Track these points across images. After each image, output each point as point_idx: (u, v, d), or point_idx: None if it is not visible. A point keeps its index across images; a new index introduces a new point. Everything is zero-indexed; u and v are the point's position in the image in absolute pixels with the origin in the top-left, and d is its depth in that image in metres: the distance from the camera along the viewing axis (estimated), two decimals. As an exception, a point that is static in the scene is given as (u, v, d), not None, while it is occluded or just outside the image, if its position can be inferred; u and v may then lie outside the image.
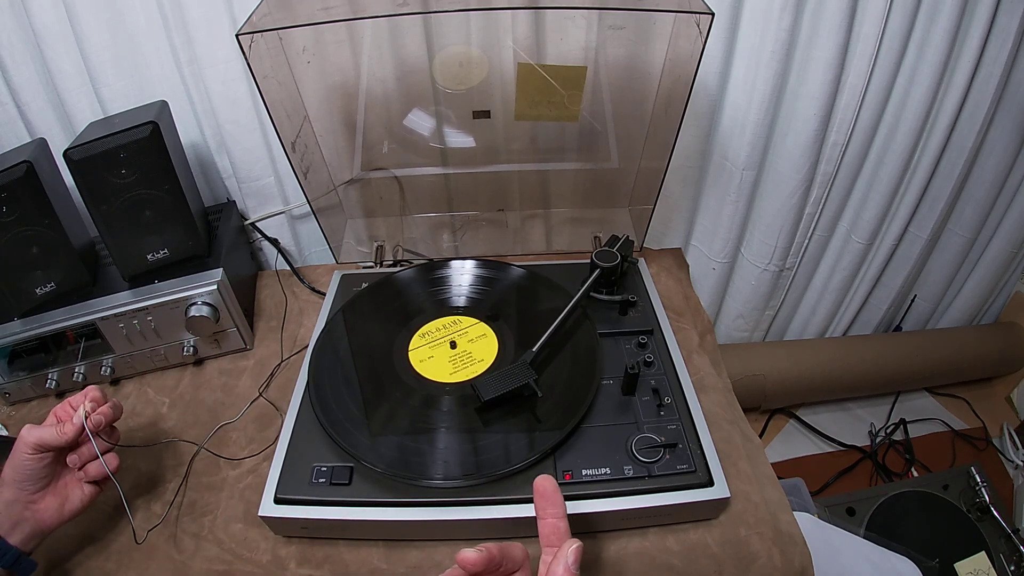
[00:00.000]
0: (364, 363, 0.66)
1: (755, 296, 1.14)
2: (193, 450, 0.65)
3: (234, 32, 0.57)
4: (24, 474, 0.49)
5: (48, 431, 0.50)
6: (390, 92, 0.78)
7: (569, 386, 0.61)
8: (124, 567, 0.56)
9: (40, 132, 0.77)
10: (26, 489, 0.50)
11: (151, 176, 0.67)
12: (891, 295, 1.23)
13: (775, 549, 0.55)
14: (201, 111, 0.81)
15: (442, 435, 0.58)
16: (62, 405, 0.54)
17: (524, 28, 0.73)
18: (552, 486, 0.45)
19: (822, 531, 0.83)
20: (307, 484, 0.55)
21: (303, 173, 0.74)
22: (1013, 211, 1.11)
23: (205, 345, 0.75)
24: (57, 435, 0.50)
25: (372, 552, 0.55)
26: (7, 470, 0.50)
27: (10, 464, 0.50)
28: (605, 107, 0.79)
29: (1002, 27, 0.86)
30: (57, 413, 0.53)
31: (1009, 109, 0.96)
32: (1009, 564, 0.98)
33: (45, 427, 0.51)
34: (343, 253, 0.87)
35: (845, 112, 0.90)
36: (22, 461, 0.49)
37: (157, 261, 0.72)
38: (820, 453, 1.23)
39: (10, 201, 0.63)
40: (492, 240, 0.91)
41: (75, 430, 0.51)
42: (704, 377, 0.70)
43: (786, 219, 1.01)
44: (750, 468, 0.61)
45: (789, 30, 0.80)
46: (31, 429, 0.50)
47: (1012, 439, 1.20)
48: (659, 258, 0.88)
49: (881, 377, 1.23)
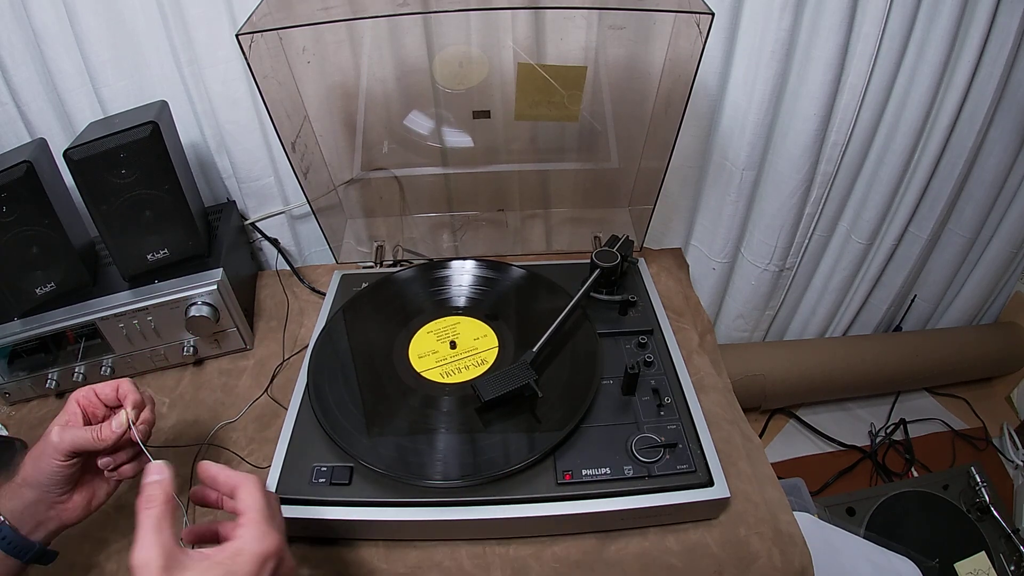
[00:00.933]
0: (364, 363, 0.66)
1: (755, 296, 1.14)
2: (195, 451, 0.65)
3: (234, 32, 0.57)
4: (53, 479, 0.46)
5: (84, 436, 0.46)
6: (390, 92, 0.78)
7: (569, 386, 0.61)
8: (124, 567, 0.56)
9: (40, 132, 0.77)
10: (52, 492, 0.46)
11: (151, 176, 0.67)
12: (891, 295, 1.23)
13: (775, 549, 0.55)
14: (201, 111, 0.81)
15: (442, 435, 0.58)
16: (85, 394, 0.48)
17: (524, 28, 0.73)
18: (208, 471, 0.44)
19: (822, 531, 0.83)
20: (307, 484, 0.55)
21: (303, 173, 0.74)
22: (1013, 211, 1.11)
23: (205, 345, 0.75)
24: (94, 441, 0.46)
25: (372, 552, 0.55)
26: (30, 470, 0.46)
27: (36, 467, 0.46)
28: (605, 107, 0.79)
29: (1002, 27, 0.86)
30: (82, 404, 0.48)
31: (1009, 109, 0.96)
32: (1009, 564, 0.98)
33: (79, 431, 0.46)
34: (343, 253, 0.87)
35: (845, 112, 0.90)
36: (53, 467, 0.45)
37: (157, 261, 0.72)
38: (820, 453, 1.22)
39: (10, 201, 0.63)
40: (492, 240, 0.91)
41: (115, 438, 0.47)
42: (704, 377, 0.70)
43: (786, 219, 1.01)
44: (750, 468, 0.61)
45: (789, 30, 0.80)
46: (63, 432, 0.46)
47: (1012, 439, 1.20)
48: (659, 258, 0.88)
49: (881, 377, 1.23)
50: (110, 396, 0.49)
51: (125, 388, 0.49)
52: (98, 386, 0.49)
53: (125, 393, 0.49)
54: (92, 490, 0.49)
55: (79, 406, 0.48)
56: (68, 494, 0.48)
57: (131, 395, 0.49)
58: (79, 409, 0.48)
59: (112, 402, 0.49)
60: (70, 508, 0.48)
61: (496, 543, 0.56)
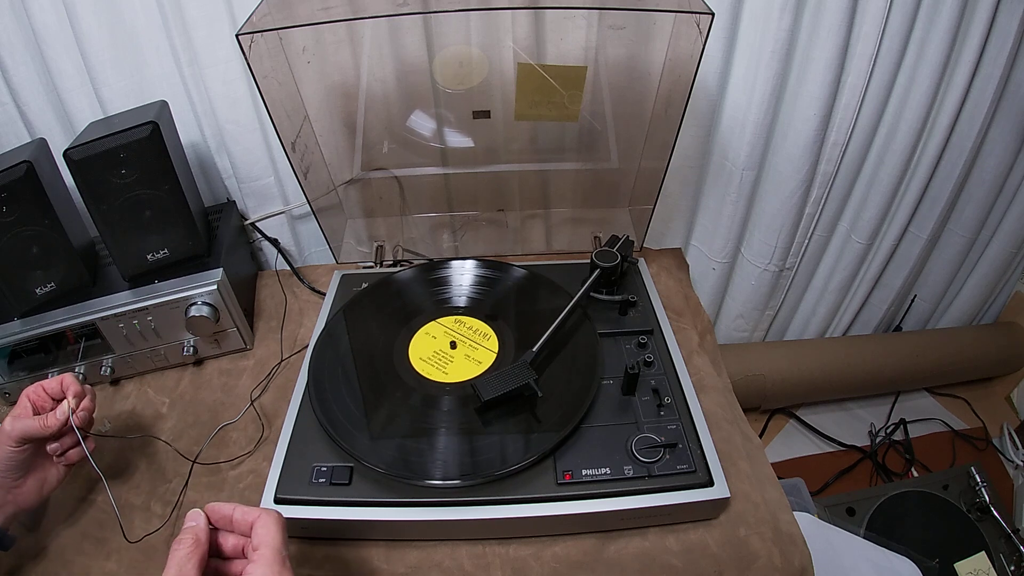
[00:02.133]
0: (364, 363, 0.66)
1: (755, 296, 1.14)
2: (194, 452, 0.65)
3: (234, 32, 0.57)
4: (8, 464, 0.51)
5: (32, 425, 0.51)
6: (390, 92, 0.78)
7: (569, 386, 0.61)
8: (124, 567, 0.56)
9: (40, 132, 0.77)
10: (8, 477, 0.51)
11: (151, 176, 0.67)
12: (891, 295, 1.23)
13: (775, 549, 0.55)
14: (201, 111, 0.81)
15: (442, 435, 0.58)
16: (34, 389, 0.54)
17: (524, 28, 0.73)
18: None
19: (822, 531, 0.83)
20: (307, 484, 0.55)
21: (303, 173, 0.74)
22: (1013, 211, 1.11)
23: (205, 345, 0.75)
24: (41, 428, 0.51)
25: (372, 552, 0.55)
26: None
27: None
28: (605, 107, 0.79)
29: (1002, 27, 0.86)
30: (31, 399, 0.53)
31: (1009, 109, 0.96)
32: (1009, 564, 0.98)
33: (28, 420, 0.51)
34: (343, 253, 0.87)
35: (845, 112, 0.90)
36: (6, 453, 0.50)
37: (157, 261, 0.72)
38: (820, 453, 1.22)
39: (10, 201, 0.63)
40: (492, 240, 0.91)
41: (59, 424, 0.52)
42: (704, 377, 0.70)
43: (786, 219, 1.01)
44: (750, 468, 0.61)
45: (789, 30, 0.80)
46: (14, 422, 0.51)
47: (1012, 439, 1.20)
48: (659, 258, 0.88)
49: (881, 377, 1.23)
50: (55, 389, 0.54)
51: (67, 381, 0.55)
52: (45, 382, 0.54)
53: (68, 385, 0.54)
54: (43, 475, 0.54)
55: (29, 400, 0.53)
56: (22, 479, 0.52)
57: (72, 387, 0.54)
58: (29, 403, 0.53)
59: (58, 395, 0.55)
60: (24, 492, 0.52)
61: (496, 543, 0.56)
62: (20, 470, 0.52)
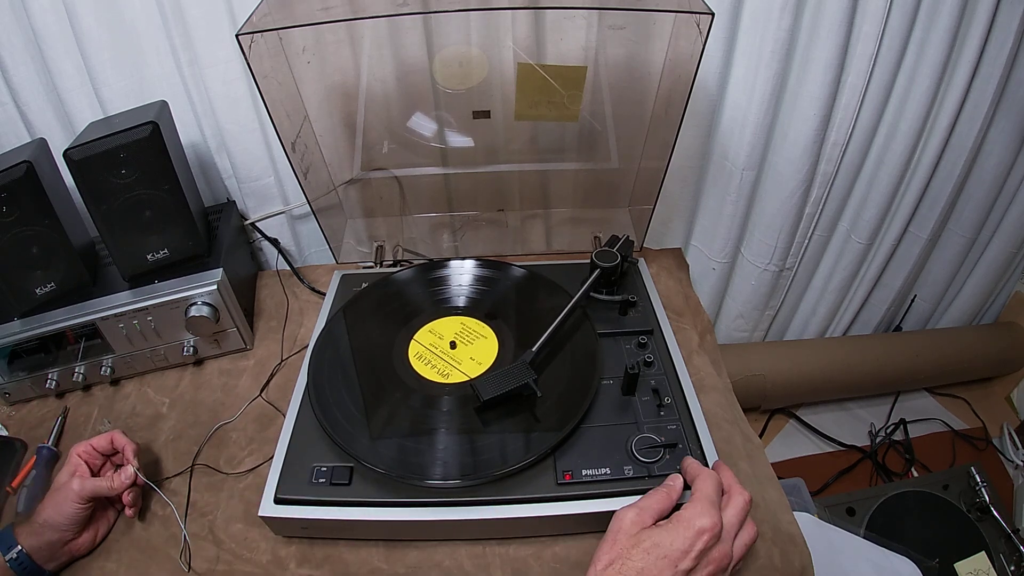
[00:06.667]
0: (364, 363, 0.66)
1: (755, 296, 1.14)
2: (194, 452, 0.65)
3: (234, 32, 0.57)
4: (72, 520, 0.54)
5: (101, 485, 0.55)
6: (390, 92, 0.78)
7: (569, 386, 0.61)
8: (124, 567, 0.56)
9: (40, 132, 0.77)
10: (69, 531, 0.54)
11: (151, 176, 0.67)
12: (891, 295, 1.23)
13: (775, 549, 0.55)
14: (201, 111, 0.81)
15: (442, 435, 0.58)
16: (84, 448, 0.58)
17: (524, 28, 0.73)
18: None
19: (822, 531, 0.83)
20: (307, 484, 0.55)
21: (303, 173, 0.74)
22: (1013, 211, 1.11)
23: (205, 345, 0.75)
24: (109, 489, 0.56)
25: (372, 552, 0.55)
26: (51, 513, 0.54)
27: (57, 511, 0.54)
28: (605, 107, 0.79)
29: (1002, 27, 0.86)
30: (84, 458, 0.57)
31: (1009, 109, 0.96)
32: (1009, 564, 0.98)
33: (97, 481, 0.55)
34: (343, 253, 0.87)
35: (845, 112, 0.90)
36: (74, 510, 0.54)
37: (157, 261, 0.72)
38: (820, 453, 1.22)
39: (10, 201, 0.63)
40: (492, 240, 0.91)
41: (126, 486, 0.57)
42: (704, 377, 0.70)
43: (786, 219, 1.01)
44: (750, 468, 0.61)
45: (789, 30, 0.80)
46: (83, 482, 0.55)
47: (1012, 439, 1.20)
48: (659, 258, 0.88)
49: (881, 377, 1.23)
50: (105, 447, 0.59)
51: (120, 440, 0.59)
52: (93, 440, 0.59)
53: (122, 444, 0.59)
54: (97, 527, 0.58)
55: (81, 459, 0.57)
56: (80, 533, 0.56)
57: (128, 446, 0.59)
58: (82, 461, 0.57)
59: (107, 451, 0.59)
60: (80, 543, 0.56)
61: (496, 543, 0.56)
62: (81, 525, 0.55)
